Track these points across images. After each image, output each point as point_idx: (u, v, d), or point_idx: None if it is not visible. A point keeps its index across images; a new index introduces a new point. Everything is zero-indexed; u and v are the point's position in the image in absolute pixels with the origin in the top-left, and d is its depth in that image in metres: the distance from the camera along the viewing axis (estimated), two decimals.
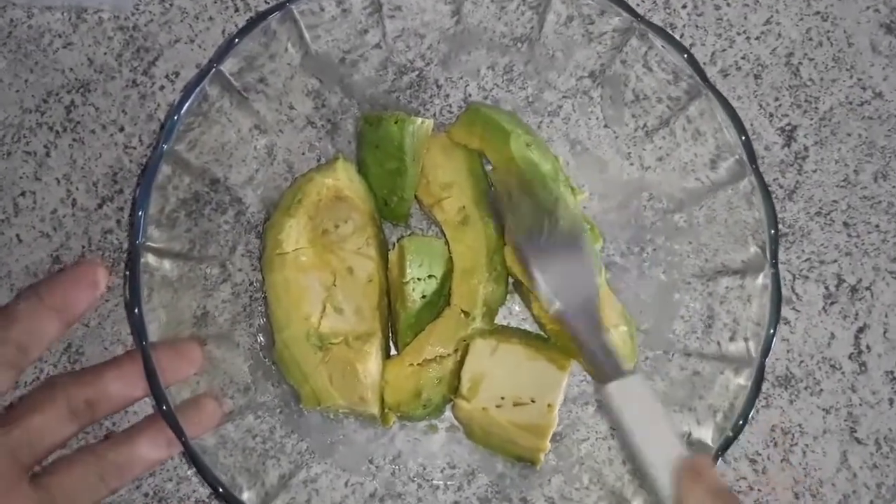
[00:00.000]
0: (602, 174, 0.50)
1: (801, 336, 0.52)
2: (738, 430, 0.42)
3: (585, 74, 0.49)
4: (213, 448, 0.42)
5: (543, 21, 0.47)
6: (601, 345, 0.40)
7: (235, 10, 0.52)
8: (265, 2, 0.52)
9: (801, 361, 0.52)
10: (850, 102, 0.54)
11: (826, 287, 0.52)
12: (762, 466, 0.51)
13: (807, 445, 0.51)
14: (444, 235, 0.48)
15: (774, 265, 0.43)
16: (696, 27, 0.54)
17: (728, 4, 0.54)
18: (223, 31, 0.52)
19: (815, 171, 0.53)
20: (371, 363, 0.45)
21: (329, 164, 0.48)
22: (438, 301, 0.47)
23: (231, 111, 0.45)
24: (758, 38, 0.54)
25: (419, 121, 0.46)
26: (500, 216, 0.46)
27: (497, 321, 0.49)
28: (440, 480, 0.48)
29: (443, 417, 0.48)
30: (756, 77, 0.54)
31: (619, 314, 0.47)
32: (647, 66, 0.46)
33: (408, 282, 0.46)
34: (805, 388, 0.51)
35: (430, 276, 0.46)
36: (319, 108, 0.49)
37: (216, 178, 0.46)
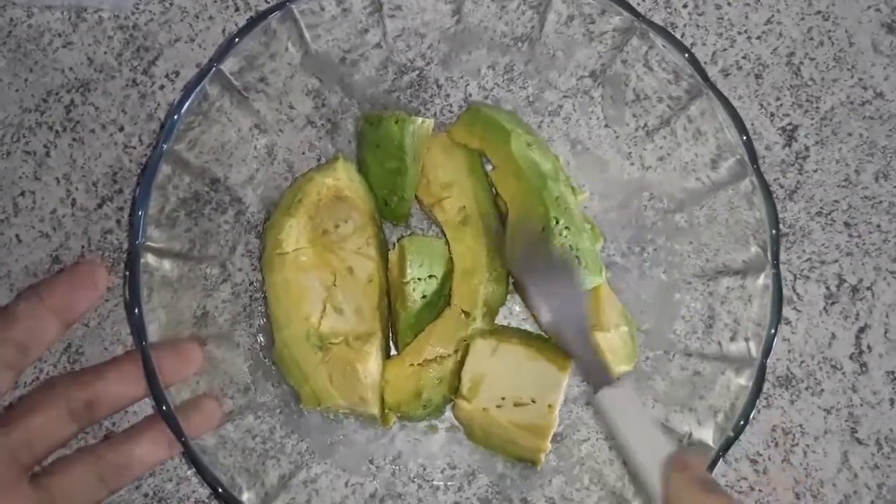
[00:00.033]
0: (603, 174, 0.50)
1: (802, 336, 0.52)
2: (739, 431, 0.42)
3: (586, 74, 0.49)
4: (213, 448, 0.42)
5: (544, 20, 0.47)
6: (591, 356, 0.42)
7: (235, 10, 0.52)
8: (265, 1, 0.52)
9: (802, 362, 0.52)
10: (852, 102, 0.54)
11: (827, 287, 0.52)
12: (763, 467, 0.51)
13: (808, 446, 0.51)
14: (445, 235, 0.48)
15: (775, 265, 0.43)
16: (697, 26, 0.54)
17: (729, 4, 0.54)
18: (223, 31, 0.52)
19: (816, 171, 0.53)
20: (371, 363, 0.45)
21: (329, 164, 0.48)
22: (439, 301, 0.47)
23: (231, 110, 0.45)
24: (759, 38, 0.54)
25: (419, 120, 0.46)
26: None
27: (497, 321, 0.49)
28: (440, 481, 0.48)
29: (443, 418, 0.48)
30: (757, 77, 0.53)
31: (620, 314, 0.47)
32: (648, 66, 0.46)
33: (408, 282, 0.46)
34: (806, 389, 0.51)
35: (431, 276, 0.46)
36: (319, 108, 0.49)
37: (216, 178, 0.46)
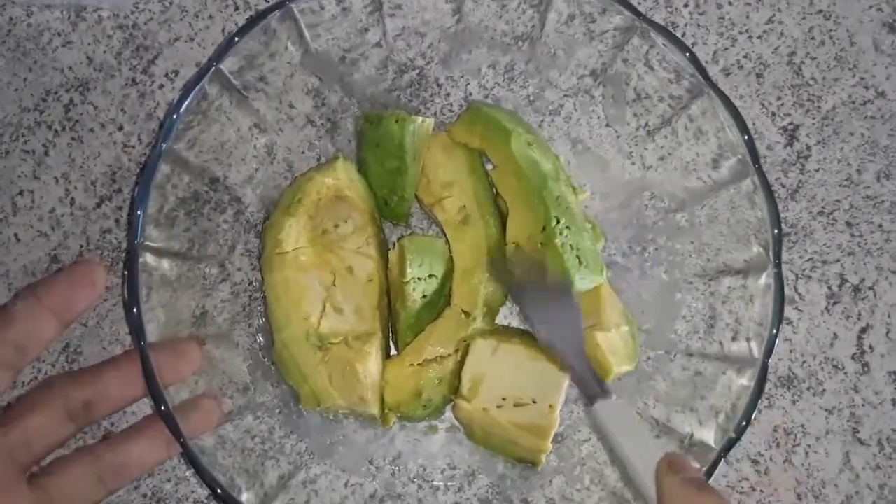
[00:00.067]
0: (603, 173, 0.50)
1: (804, 336, 0.52)
2: (741, 431, 0.42)
3: (587, 73, 0.49)
4: (212, 449, 0.42)
5: (545, 19, 0.47)
6: (586, 370, 0.43)
7: (235, 9, 0.52)
8: (265, 0, 0.52)
9: (804, 362, 0.51)
10: (853, 102, 0.54)
11: (829, 287, 0.52)
12: (764, 467, 0.50)
13: (809, 446, 0.51)
14: (445, 235, 0.48)
15: (777, 265, 0.43)
16: (698, 26, 0.53)
17: (730, 3, 0.54)
18: (223, 30, 0.52)
19: (818, 171, 0.53)
20: (371, 363, 0.45)
21: (329, 164, 0.47)
22: (439, 301, 0.47)
23: (231, 110, 0.45)
24: (760, 37, 0.54)
25: (420, 120, 0.46)
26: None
27: (498, 321, 0.48)
28: (440, 481, 0.48)
29: (443, 418, 0.48)
30: (758, 76, 0.53)
31: (621, 314, 0.47)
32: (649, 65, 0.46)
33: (408, 281, 0.46)
34: (808, 389, 0.51)
35: (431, 276, 0.46)
36: (319, 107, 0.49)
37: (215, 177, 0.46)
